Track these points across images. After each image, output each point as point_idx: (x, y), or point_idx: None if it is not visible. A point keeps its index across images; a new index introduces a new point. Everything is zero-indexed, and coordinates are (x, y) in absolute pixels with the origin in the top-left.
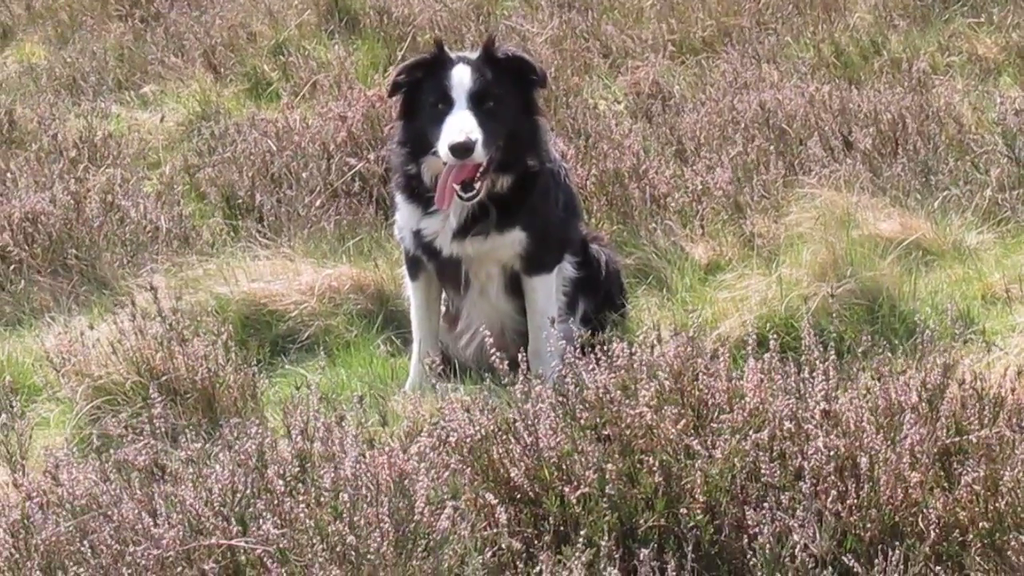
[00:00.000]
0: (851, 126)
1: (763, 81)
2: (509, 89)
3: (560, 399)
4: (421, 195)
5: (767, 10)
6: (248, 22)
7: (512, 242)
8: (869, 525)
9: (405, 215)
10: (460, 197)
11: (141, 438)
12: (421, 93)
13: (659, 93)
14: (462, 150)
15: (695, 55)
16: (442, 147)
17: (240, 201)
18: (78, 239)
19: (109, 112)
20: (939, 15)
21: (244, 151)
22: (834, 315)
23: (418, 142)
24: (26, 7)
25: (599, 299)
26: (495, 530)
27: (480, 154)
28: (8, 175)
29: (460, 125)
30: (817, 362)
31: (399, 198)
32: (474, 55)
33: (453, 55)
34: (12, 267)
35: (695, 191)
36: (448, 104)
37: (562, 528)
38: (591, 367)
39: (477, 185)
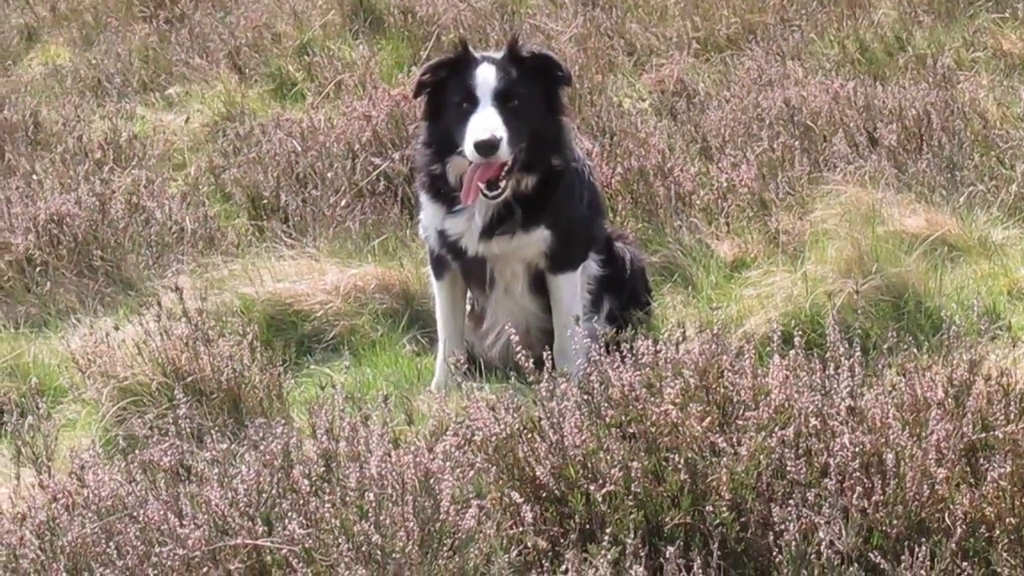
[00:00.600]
0: (876, 122)
1: (788, 78)
2: (534, 88)
3: (585, 397)
4: (446, 195)
5: (791, 7)
6: (273, 23)
7: (537, 240)
8: (895, 521)
9: (430, 215)
10: (485, 195)
11: (167, 439)
12: (446, 93)
13: (684, 91)
14: (487, 147)
15: (719, 52)
16: (467, 145)
17: (265, 201)
18: (103, 240)
19: (134, 113)
20: (964, 11)
21: (269, 151)
22: (859, 311)
23: (443, 142)
24: (51, 9)
25: (624, 297)
26: (521, 529)
27: (505, 152)
28: (33, 177)
29: (485, 123)
30: (842, 359)
31: (424, 198)
32: (499, 54)
33: (478, 54)
34: (38, 269)
35: (720, 188)
36: (473, 103)
37: (588, 526)
38: (616, 365)
39: (502, 184)
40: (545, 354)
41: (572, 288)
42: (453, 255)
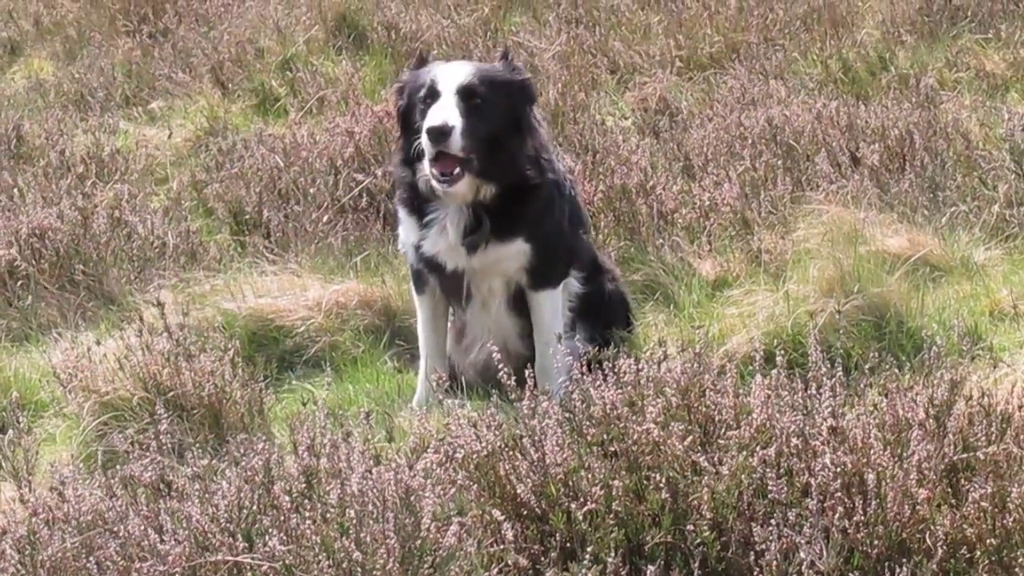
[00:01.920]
0: (858, 142)
1: (770, 97)
2: (500, 95)
3: (567, 415)
4: (421, 208)
5: (774, 26)
6: (256, 38)
7: (516, 254)
8: (876, 542)
9: (407, 229)
10: (436, 181)
11: (147, 454)
12: (413, 103)
13: (666, 109)
14: (438, 133)
15: (702, 71)
16: (423, 134)
17: (247, 217)
18: (85, 255)
19: (117, 128)
20: (947, 31)
21: (251, 167)
22: (841, 331)
23: (413, 148)
24: (34, 23)
25: (606, 317)
26: (501, 547)
27: (457, 143)
28: (15, 190)
29: (440, 111)
30: (824, 378)
31: (401, 212)
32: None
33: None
34: (19, 282)
35: (702, 207)
36: (435, 97)
37: (568, 544)
38: (598, 383)
39: (455, 173)
40: (527, 372)
41: (553, 305)
42: (430, 269)
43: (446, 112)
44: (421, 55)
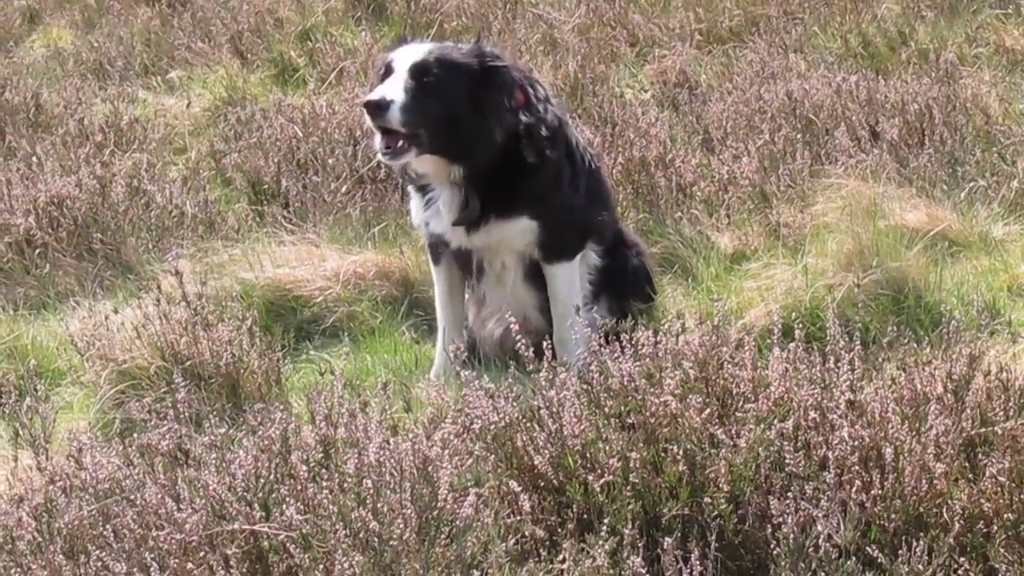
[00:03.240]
0: (878, 116)
1: (790, 71)
2: (458, 78)
3: (584, 387)
4: (425, 189)
5: (794, 0)
6: (275, 8)
7: (522, 231)
8: (893, 516)
9: (415, 206)
10: (380, 155)
11: (165, 423)
12: (377, 78)
13: (686, 82)
14: (374, 108)
15: (722, 44)
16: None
17: (266, 187)
18: (103, 223)
19: (135, 97)
20: (967, 6)
21: (270, 137)
22: (860, 305)
23: None
24: None
25: (627, 290)
26: (518, 518)
27: (396, 117)
28: (34, 159)
29: (382, 88)
30: (842, 352)
31: (410, 189)
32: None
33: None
34: (37, 251)
35: (721, 180)
36: (390, 75)
37: (585, 516)
38: (616, 355)
39: (399, 145)
40: (546, 344)
41: (569, 277)
42: (440, 245)
43: (387, 88)
44: (402, 36)
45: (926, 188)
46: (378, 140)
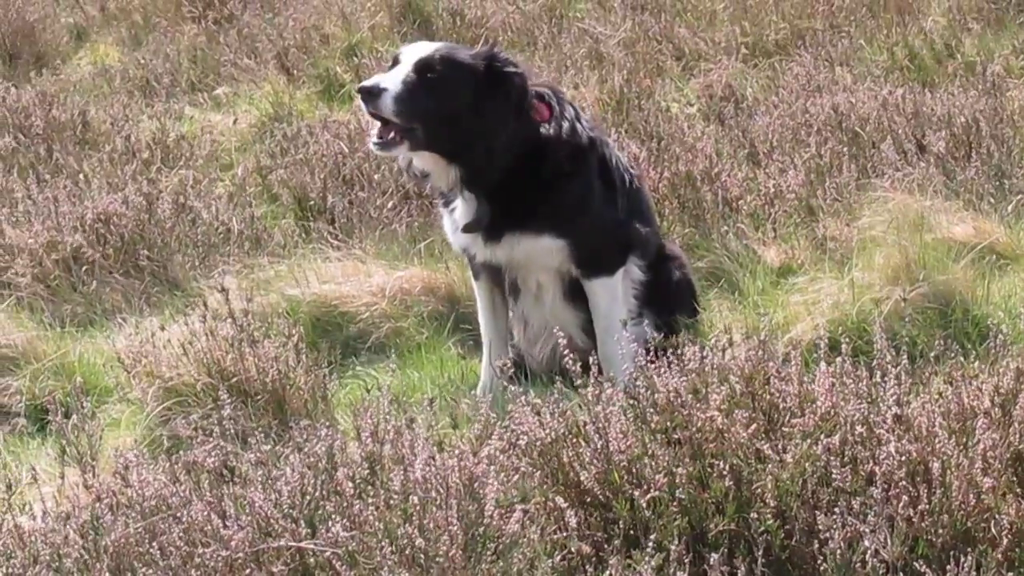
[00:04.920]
0: (924, 129)
1: (836, 84)
2: (462, 79)
3: (631, 402)
4: (448, 202)
5: (840, 13)
6: (321, 24)
7: (548, 249)
8: (941, 531)
9: (445, 223)
10: (373, 144)
11: (211, 439)
12: None
13: (732, 96)
14: (366, 93)
15: (768, 58)
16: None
17: (312, 203)
18: (150, 240)
19: (182, 113)
20: (1013, 18)
21: (316, 153)
22: (906, 319)
23: None
24: (100, 9)
25: (671, 304)
26: (564, 534)
27: (389, 107)
28: (81, 176)
29: (379, 76)
30: (889, 366)
31: (440, 205)
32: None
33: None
34: (84, 268)
35: (767, 194)
36: (395, 68)
37: (632, 532)
38: (662, 371)
39: (391, 137)
40: (591, 359)
41: (610, 292)
42: (470, 260)
43: (384, 77)
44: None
45: (973, 201)
46: (374, 130)
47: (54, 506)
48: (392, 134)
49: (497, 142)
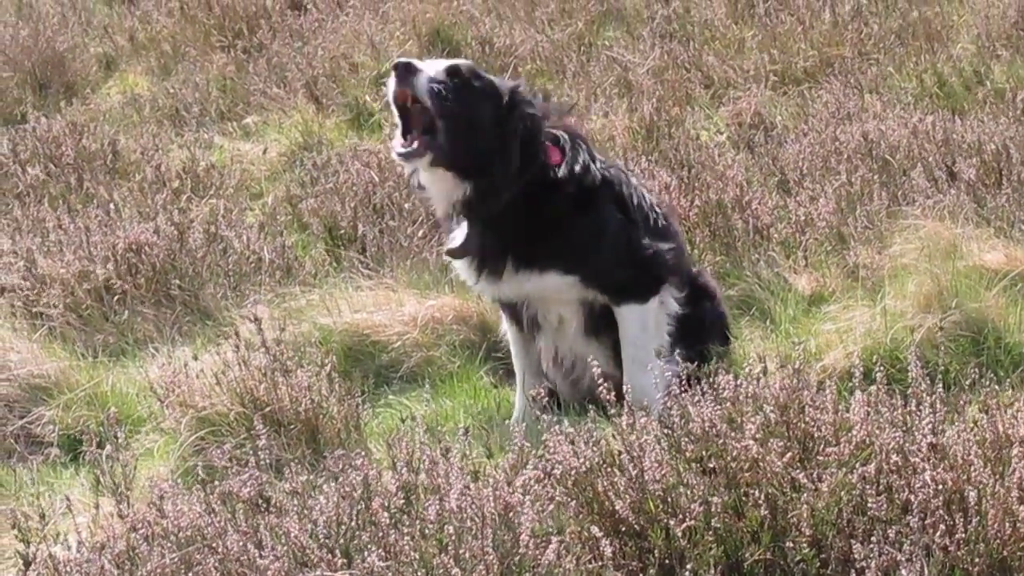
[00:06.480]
0: (955, 156)
1: (866, 111)
2: (487, 95)
3: (665, 431)
4: (450, 231)
5: (869, 40)
6: (350, 53)
7: (558, 287)
8: (977, 559)
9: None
10: (396, 153)
11: (245, 469)
12: None
13: (761, 124)
14: (404, 68)
15: (797, 85)
16: (391, 73)
17: (342, 232)
18: (181, 270)
19: (212, 143)
20: None
21: (346, 182)
22: (939, 347)
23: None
24: (129, 38)
25: (705, 337)
26: (600, 563)
27: (423, 90)
28: (112, 206)
29: (413, 59)
30: (924, 395)
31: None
32: None
33: None
34: (116, 298)
35: (798, 222)
36: None
37: (667, 561)
38: (697, 400)
39: (415, 147)
40: (626, 388)
41: (642, 320)
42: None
43: (419, 62)
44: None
45: (1004, 228)
46: (397, 138)
47: (88, 536)
48: (416, 144)
49: (513, 163)
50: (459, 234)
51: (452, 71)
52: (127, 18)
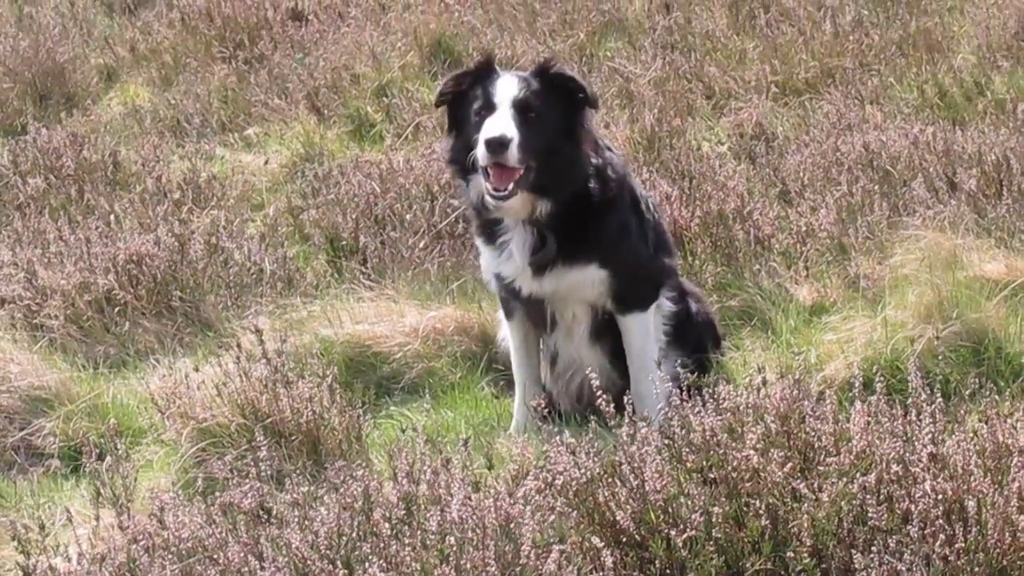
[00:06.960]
0: (955, 167)
1: (866, 122)
2: (555, 107)
3: (666, 442)
4: (493, 233)
5: (870, 51)
6: (351, 64)
7: (592, 280)
8: (977, 569)
9: (486, 258)
10: (490, 196)
11: (246, 480)
12: (467, 104)
13: (762, 134)
14: (496, 145)
15: (798, 96)
16: (479, 145)
17: (344, 243)
18: (182, 281)
19: (213, 154)
20: None
21: (348, 193)
22: (940, 357)
23: (465, 156)
24: (130, 49)
25: (696, 339)
26: (601, 574)
27: (515, 156)
28: (112, 217)
29: (496, 123)
30: (924, 405)
31: (478, 242)
32: (526, 72)
33: (501, 70)
34: (117, 309)
35: (799, 232)
36: (491, 110)
37: (668, 571)
38: (697, 410)
39: (509, 188)
40: (626, 398)
41: (644, 329)
42: (512, 296)
43: (503, 123)
44: (488, 57)
45: (1005, 239)
46: (488, 181)
47: (89, 548)
48: (510, 185)
49: (587, 165)
50: (518, 238)
51: (521, 105)
52: (128, 29)
